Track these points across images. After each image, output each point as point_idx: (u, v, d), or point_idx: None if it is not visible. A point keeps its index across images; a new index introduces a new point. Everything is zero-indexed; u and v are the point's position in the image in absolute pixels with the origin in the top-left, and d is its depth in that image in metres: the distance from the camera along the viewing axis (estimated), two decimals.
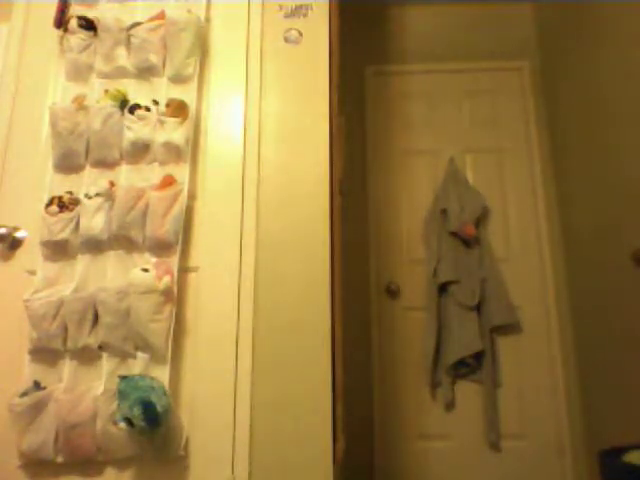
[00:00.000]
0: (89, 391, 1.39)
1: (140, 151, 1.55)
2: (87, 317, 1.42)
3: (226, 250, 1.54)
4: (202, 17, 1.66)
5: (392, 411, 2.47)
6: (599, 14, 2.16)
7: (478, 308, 2.42)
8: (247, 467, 1.39)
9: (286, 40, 1.70)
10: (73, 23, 1.63)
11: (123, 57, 1.63)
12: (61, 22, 1.68)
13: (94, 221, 1.46)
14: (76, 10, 1.70)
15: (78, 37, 1.62)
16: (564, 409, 2.40)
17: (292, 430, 1.42)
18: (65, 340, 1.42)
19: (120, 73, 1.63)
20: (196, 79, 1.62)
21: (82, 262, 1.49)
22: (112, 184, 1.51)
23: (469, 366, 2.41)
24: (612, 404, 2.09)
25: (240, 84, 1.66)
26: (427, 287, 2.53)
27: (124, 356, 1.43)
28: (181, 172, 1.54)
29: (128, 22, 1.63)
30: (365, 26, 2.93)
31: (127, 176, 1.54)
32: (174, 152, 1.54)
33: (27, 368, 1.43)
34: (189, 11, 1.63)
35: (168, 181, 1.51)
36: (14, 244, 1.55)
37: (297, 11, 1.72)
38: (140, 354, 1.41)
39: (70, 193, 1.52)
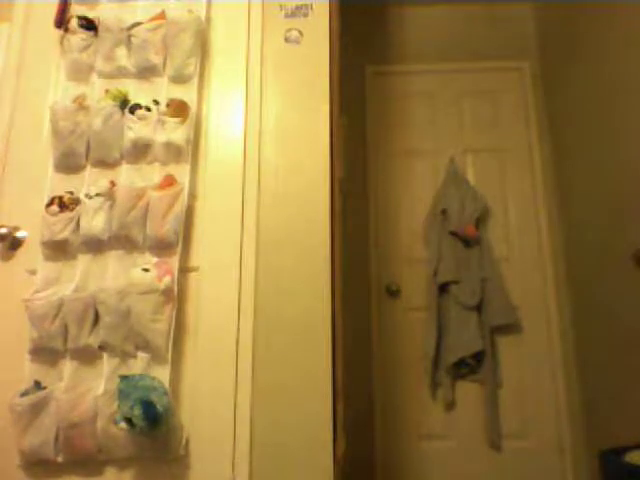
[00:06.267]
0: (89, 391, 1.39)
1: (141, 151, 1.55)
2: (87, 317, 1.42)
3: (226, 250, 1.54)
4: (202, 17, 1.65)
5: (392, 411, 2.47)
6: (599, 14, 2.16)
7: (478, 308, 2.42)
8: (247, 467, 1.39)
9: (286, 40, 1.70)
10: (73, 23, 1.62)
11: (124, 57, 1.63)
12: (61, 22, 1.67)
13: (94, 221, 1.46)
14: (76, 10, 1.69)
15: (78, 37, 1.62)
16: (564, 409, 2.40)
17: (293, 430, 1.42)
18: (65, 340, 1.42)
19: (121, 73, 1.63)
20: (197, 79, 1.62)
21: (82, 262, 1.49)
22: (113, 184, 1.51)
23: (469, 366, 2.41)
24: (612, 404, 2.09)
25: (241, 84, 1.66)
26: (427, 287, 2.53)
27: (124, 356, 1.43)
28: (181, 172, 1.54)
29: (129, 22, 1.63)
30: (365, 26, 2.93)
31: (127, 176, 1.54)
32: (174, 152, 1.54)
33: (27, 368, 1.43)
34: (189, 11, 1.63)
35: (168, 181, 1.51)
36: (14, 244, 1.55)
37: (297, 11, 1.72)
38: (140, 354, 1.41)
39: (70, 193, 1.52)
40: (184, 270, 1.50)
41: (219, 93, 1.66)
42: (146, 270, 1.40)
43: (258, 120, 1.64)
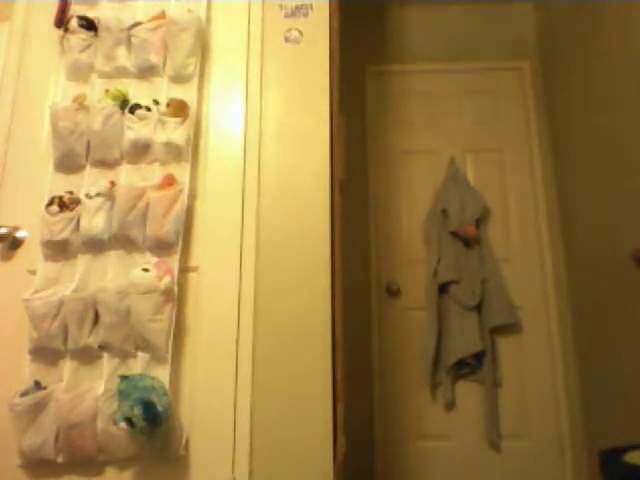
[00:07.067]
0: (89, 391, 1.39)
1: (140, 151, 1.55)
2: (87, 317, 1.42)
3: (226, 250, 1.54)
4: (202, 17, 1.66)
5: (392, 411, 2.47)
6: (599, 14, 2.16)
7: (478, 308, 2.42)
8: (247, 467, 1.39)
9: (286, 40, 1.70)
10: (73, 23, 1.63)
11: (123, 57, 1.63)
12: (61, 22, 1.68)
13: (94, 221, 1.46)
14: (76, 10, 1.69)
15: (78, 37, 1.62)
16: (564, 409, 2.40)
17: (293, 430, 1.42)
18: (65, 340, 1.42)
19: (121, 73, 1.63)
20: (196, 79, 1.62)
21: (82, 262, 1.49)
22: (113, 184, 1.51)
23: (470, 366, 2.41)
24: (612, 404, 2.09)
25: (240, 84, 1.66)
26: (427, 287, 2.53)
27: (124, 356, 1.43)
28: (181, 172, 1.54)
29: (129, 22, 1.63)
30: (365, 26, 2.93)
31: (127, 176, 1.54)
32: (174, 152, 1.54)
33: (27, 368, 1.43)
34: (189, 11, 1.63)
35: (168, 181, 1.51)
36: (15, 244, 1.55)
37: (297, 11, 1.72)
38: (140, 354, 1.41)
39: (70, 193, 1.52)
40: (184, 270, 1.50)
41: (219, 93, 1.66)
42: (146, 270, 1.40)
43: (258, 120, 1.64)
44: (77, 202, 1.49)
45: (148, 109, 1.55)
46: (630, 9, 1.93)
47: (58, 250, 1.49)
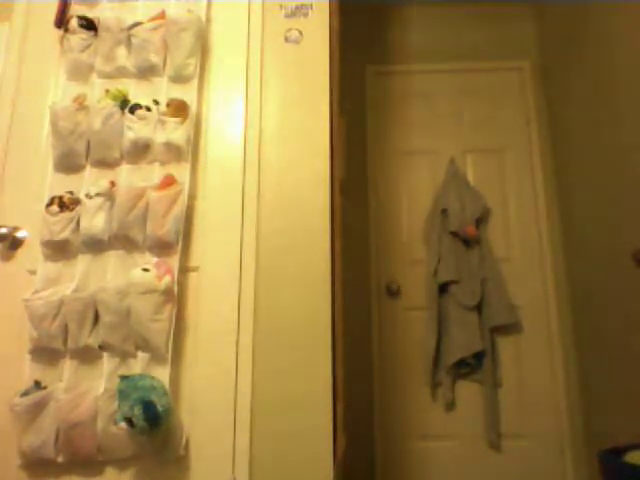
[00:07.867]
0: (90, 391, 1.39)
1: (140, 151, 1.55)
2: (87, 317, 1.42)
3: (226, 250, 1.54)
4: (203, 17, 1.66)
5: (392, 411, 2.47)
6: (599, 13, 2.16)
7: (478, 308, 2.42)
8: (247, 467, 1.39)
9: (286, 40, 1.70)
10: (73, 23, 1.63)
11: (123, 57, 1.63)
12: (61, 22, 1.68)
13: (95, 221, 1.46)
14: (76, 10, 1.70)
15: (78, 37, 1.62)
16: (564, 409, 2.40)
17: (292, 430, 1.42)
18: (65, 340, 1.42)
19: (121, 73, 1.63)
20: (196, 79, 1.62)
21: (83, 262, 1.49)
22: (113, 184, 1.51)
23: (470, 366, 2.41)
24: (612, 404, 2.09)
25: (240, 84, 1.66)
26: (427, 287, 2.53)
27: (124, 356, 1.43)
28: (181, 172, 1.54)
29: (129, 22, 1.63)
30: (365, 26, 2.93)
31: (128, 176, 1.55)
32: (174, 152, 1.54)
33: (27, 368, 1.43)
34: (189, 11, 1.63)
35: (168, 181, 1.51)
36: (15, 244, 1.55)
37: (297, 11, 1.72)
38: (140, 354, 1.41)
39: (71, 193, 1.52)
40: (184, 270, 1.50)
41: (219, 93, 1.66)
42: (146, 270, 1.40)
43: (258, 120, 1.64)
44: (77, 202, 1.50)
45: (148, 109, 1.55)
46: (630, 8, 1.93)
47: (58, 250, 1.49)
